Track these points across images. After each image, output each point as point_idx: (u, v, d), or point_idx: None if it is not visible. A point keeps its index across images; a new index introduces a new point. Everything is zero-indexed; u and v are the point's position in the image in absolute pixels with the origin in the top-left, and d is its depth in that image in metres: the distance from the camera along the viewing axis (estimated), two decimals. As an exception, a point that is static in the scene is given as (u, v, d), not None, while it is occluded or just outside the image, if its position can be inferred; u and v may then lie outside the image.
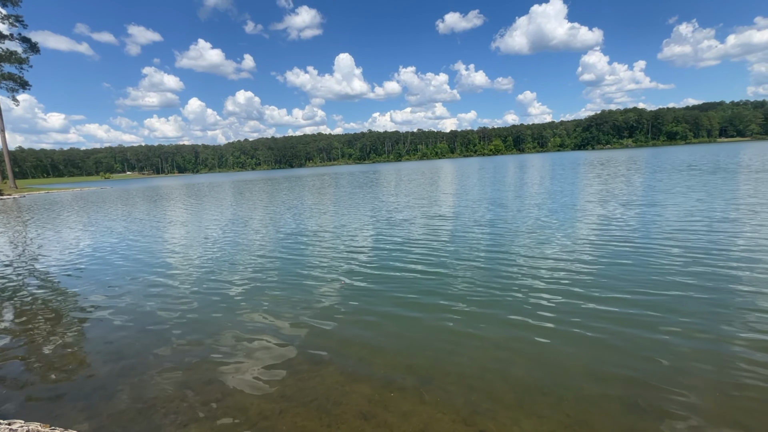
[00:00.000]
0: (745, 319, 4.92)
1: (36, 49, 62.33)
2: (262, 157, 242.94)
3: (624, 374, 3.95)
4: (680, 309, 5.28)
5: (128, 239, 13.44)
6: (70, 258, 10.93)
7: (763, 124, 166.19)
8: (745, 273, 6.48)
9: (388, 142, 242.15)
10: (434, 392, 3.82)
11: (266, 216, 17.44)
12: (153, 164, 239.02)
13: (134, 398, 4.01)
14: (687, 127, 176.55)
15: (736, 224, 9.95)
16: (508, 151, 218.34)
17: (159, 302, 6.84)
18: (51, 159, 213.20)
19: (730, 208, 12.17)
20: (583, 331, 4.85)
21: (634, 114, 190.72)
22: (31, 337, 5.69)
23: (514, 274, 7.15)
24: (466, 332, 5.04)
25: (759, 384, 3.68)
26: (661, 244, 8.55)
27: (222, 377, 4.30)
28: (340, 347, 4.84)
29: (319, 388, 3.98)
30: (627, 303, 5.59)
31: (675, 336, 4.60)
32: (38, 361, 4.95)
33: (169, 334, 5.52)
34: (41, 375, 4.60)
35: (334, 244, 10.67)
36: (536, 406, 3.54)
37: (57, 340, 5.50)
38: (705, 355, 4.18)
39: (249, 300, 6.67)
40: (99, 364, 4.78)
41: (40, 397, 4.15)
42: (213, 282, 7.81)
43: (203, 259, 9.84)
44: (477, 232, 11.02)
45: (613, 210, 13.17)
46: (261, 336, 5.27)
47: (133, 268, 9.35)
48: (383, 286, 6.95)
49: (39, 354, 5.13)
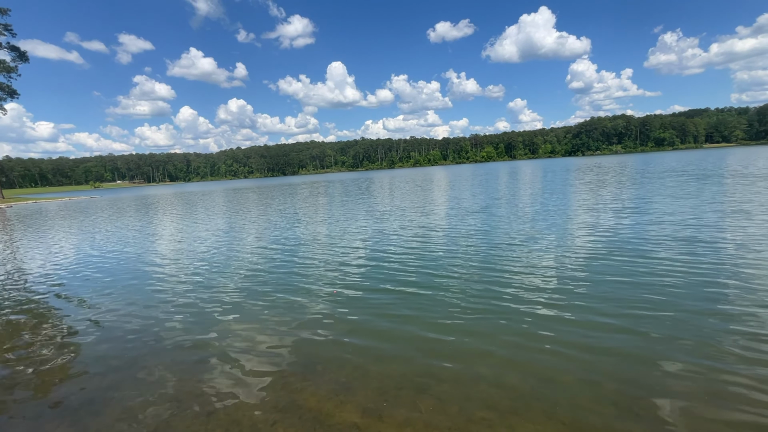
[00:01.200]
0: (737, 325, 4.98)
1: (25, 58, 61.76)
2: (254, 166, 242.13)
3: (618, 380, 3.96)
4: (673, 316, 5.34)
5: (117, 250, 13.24)
6: (57, 270, 10.73)
7: (747, 129, 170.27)
8: (739, 279, 6.57)
9: (381, 149, 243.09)
10: (429, 401, 3.79)
11: (258, 225, 17.33)
12: (144, 173, 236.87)
13: (123, 412, 3.92)
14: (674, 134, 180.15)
15: (726, 231, 10.11)
16: (500, 158, 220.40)
17: (149, 314, 6.72)
18: (39, 168, 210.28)
19: (720, 214, 12.38)
20: (577, 338, 4.87)
21: (622, 121, 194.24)
22: (16, 350, 5.55)
23: (508, 282, 7.17)
24: (460, 340, 5.03)
25: (749, 390, 3.71)
26: (654, 251, 8.65)
27: (213, 389, 4.23)
28: (333, 358, 4.79)
29: (312, 399, 3.93)
30: (620, 310, 5.63)
31: (668, 343, 4.64)
32: (24, 374, 4.82)
33: (160, 346, 5.42)
34: (27, 389, 4.48)
35: (327, 254, 10.62)
36: (531, 413, 3.53)
37: (44, 354, 5.37)
38: (697, 362, 4.22)
39: (241, 311, 6.60)
40: (87, 377, 4.67)
41: (25, 413, 4.03)
42: (203, 294, 7.71)
43: (193, 270, 9.72)
44: (470, 241, 11.06)
45: (606, 218, 13.32)
46: (253, 347, 5.20)
47: (121, 280, 9.20)
48: (376, 296, 6.92)
49: (25, 368, 5.00)
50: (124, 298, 7.67)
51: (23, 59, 61.61)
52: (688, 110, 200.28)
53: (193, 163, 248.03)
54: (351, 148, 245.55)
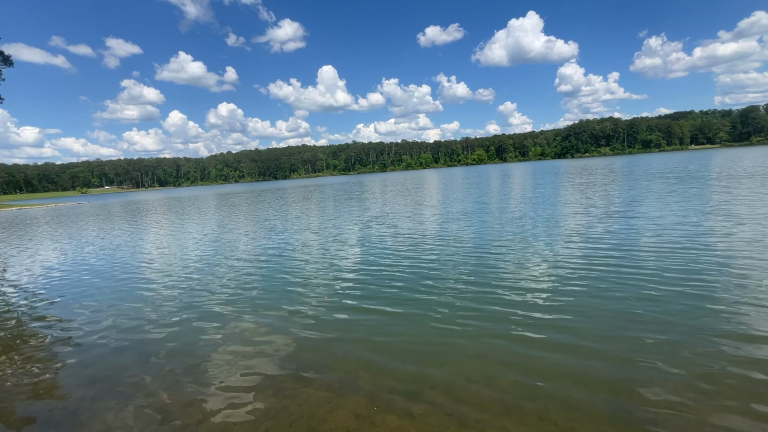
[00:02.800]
0: (731, 327, 5.05)
1: (9, 62, 60.75)
2: (245, 170, 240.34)
3: (610, 381, 3.99)
4: (665, 317, 5.40)
5: (105, 258, 13.01)
6: (43, 279, 10.50)
7: (730, 131, 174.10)
8: (731, 279, 6.67)
9: (372, 153, 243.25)
10: (422, 405, 3.77)
11: (248, 231, 17.18)
12: (132, 178, 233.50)
13: (109, 424, 3.82)
14: (660, 136, 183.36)
15: (716, 233, 10.29)
16: (491, 160, 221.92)
17: (137, 323, 6.60)
18: (24, 174, 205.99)
19: (707, 215, 12.61)
20: (568, 340, 4.89)
21: (610, 123, 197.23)
22: (1, 361, 5.40)
23: (499, 285, 7.20)
24: (452, 344, 5.02)
25: (742, 393, 3.76)
26: (646, 252, 8.76)
27: (203, 398, 4.16)
28: (325, 363, 4.75)
29: (304, 406, 3.88)
30: (612, 313, 5.67)
31: (660, 344, 4.69)
32: (7, 387, 4.68)
33: (148, 354, 5.32)
34: (10, 402, 4.35)
35: (319, 260, 10.56)
36: (524, 415, 3.53)
37: (28, 366, 5.23)
38: (690, 362, 4.27)
39: (230, 319, 6.51)
40: (72, 388, 4.56)
41: (9, 426, 3.91)
42: (193, 301, 7.60)
43: (183, 278, 9.59)
44: (461, 245, 11.09)
45: (597, 220, 13.47)
46: (243, 354, 5.13)
47: (109, 289, 9.04)
48: (366, 303, 6.89)
49: (8, 380, 4.86)
50: (110, 308, 7.52)
51: (8, 63, 60.60)
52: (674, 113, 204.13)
53: (183, 167, 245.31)
54: (343, 152, 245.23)
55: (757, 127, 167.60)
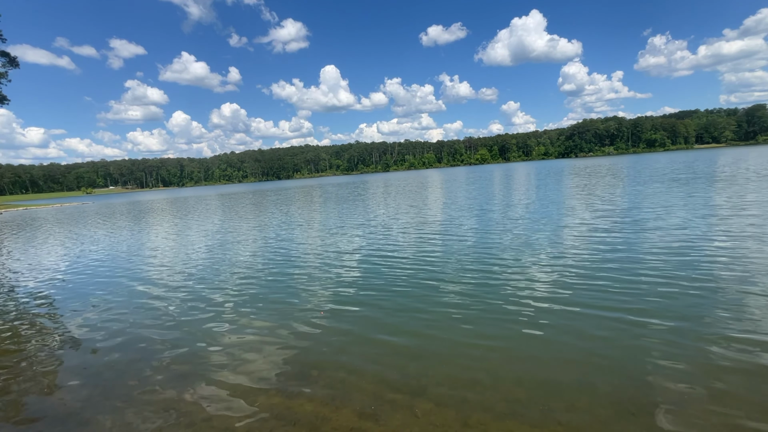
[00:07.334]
0: (732, 324, 5.01)
1: (15, 64, 61.14)
2: (249, 170, 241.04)
3: (614, 382, 3.97)
4: (669, 317, 5.36)
5: (108, 258, 13.09)
6: (48, 278, 10.58)
7: (736, 130, 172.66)
8: (733, 280, 6.63)
9: (375, 152, 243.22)
10: (425, 405, 3.77)
11: (251, 233, 17.24)
12: (137, 178, 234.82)
13: (113, 422, 3.85)
14: (665, 135, 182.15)
15: (721, 233, 10.22)
16: (494, 160, 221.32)
17: (140, 323, 6.64)
18: (30, 174, 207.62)
19: (712, 216, 12.52)
20: (573, 341, 4.87)
21: (614, 122, 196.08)
22: (3, 362, 5.44)
23: (503, 286, 7.18)
24: (455, 343, 5.01)
25: (746, 392, 3.73)
26: (650, 253, 8.70)
27: (207, 398, 4.17)
28: (327, 363, 4.75)
29: (308, 406, 3.89)
30: (616, 313, 5.64)
31: (665, 345, 4.65)
32: (11, 386, 4.72)
33: (151, 354, 5.35)
34: (14, 401, 4.39)
35: (321, 261, 10.58)
36: (528, 416, 3.52)
37: (32, 364, 5.28)
38: (695, 362, 4.24)
39: (234, 319, 6.53)
40: (76, 387, 4.59)
41: (12, 424, 3.94)
42: (196, 302, 7.63)
43: (186, 278, 9.63)
44: (463, 245, 11.07)
45: (601, 221, 13.40)
46: (247, 355, 5.15)
47: (113, 288, 9.09)
48: (370, 301, 6.89)
49: (12, 379, 4.90)
50: (113, 308, 7.57)
51: (13, 65, 61.00)
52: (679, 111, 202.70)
53: (187, 167, 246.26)
54: (346, 152, 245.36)
55: (763, 126, 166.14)
